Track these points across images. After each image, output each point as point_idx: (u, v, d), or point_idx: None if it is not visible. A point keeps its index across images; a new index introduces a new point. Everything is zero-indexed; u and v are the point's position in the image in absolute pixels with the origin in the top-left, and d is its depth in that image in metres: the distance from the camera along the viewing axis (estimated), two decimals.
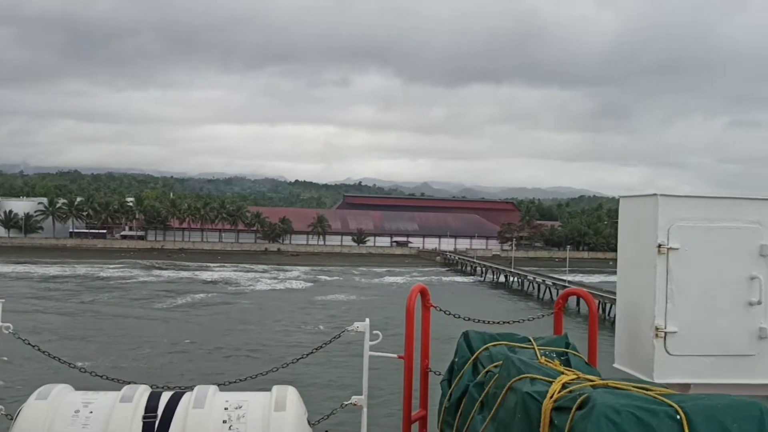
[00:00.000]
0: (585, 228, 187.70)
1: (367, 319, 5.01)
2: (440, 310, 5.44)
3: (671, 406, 2.87)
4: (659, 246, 4.50)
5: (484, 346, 4.38)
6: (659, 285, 4.50)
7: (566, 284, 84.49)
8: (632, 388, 3.18)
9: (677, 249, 4.50)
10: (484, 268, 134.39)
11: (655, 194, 4.59)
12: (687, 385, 4.50)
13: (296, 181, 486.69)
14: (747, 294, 4.54)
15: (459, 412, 4.18)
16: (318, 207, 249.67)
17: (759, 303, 4.52)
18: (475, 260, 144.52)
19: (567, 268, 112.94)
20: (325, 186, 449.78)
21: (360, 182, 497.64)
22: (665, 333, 4.47)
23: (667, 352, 4.49)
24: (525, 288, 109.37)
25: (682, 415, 2.81)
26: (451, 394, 4.38)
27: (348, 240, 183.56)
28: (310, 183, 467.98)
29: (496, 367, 3.99)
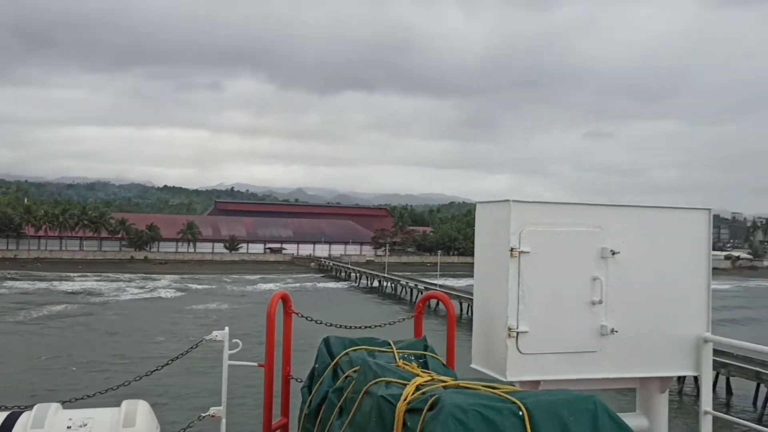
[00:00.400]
0: (455, 233, 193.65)
1: (227, 328, 4.89)
2: (302, 316, 5.40)
3: (515, 403, 3.00)
4: (512, 249, 4.69)
5: (344, 351, 4.39)
6: (512, 287, 4.69)
7: (437, 288, 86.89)
8: (481, 388, 3.29)
9: (528, 252, 4.71)
10: (358, 274, 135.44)
11: (507, 200, 4.79)
12: (537, 382, 4.72)
13: (165, 186, 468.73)
14: (590, 294, 4.83)
15: (318, 419, 4.17)
16: (188, 213, 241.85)
17: (600, 302, 4.82)
18: (349, 266, 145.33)
19: (438, 273, 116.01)
20: (196, 192, 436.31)
21: (233, 188, 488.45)
22: (517, 333, 4.67)
23: (519, 351, 4.69)
24: (398, 292, 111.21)
25: (525, 411, 2.94)
26: (311, 401, 4.35)
27: (220, 247, 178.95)
28: (180, 188, 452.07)
29: (355, 372, 4.01)
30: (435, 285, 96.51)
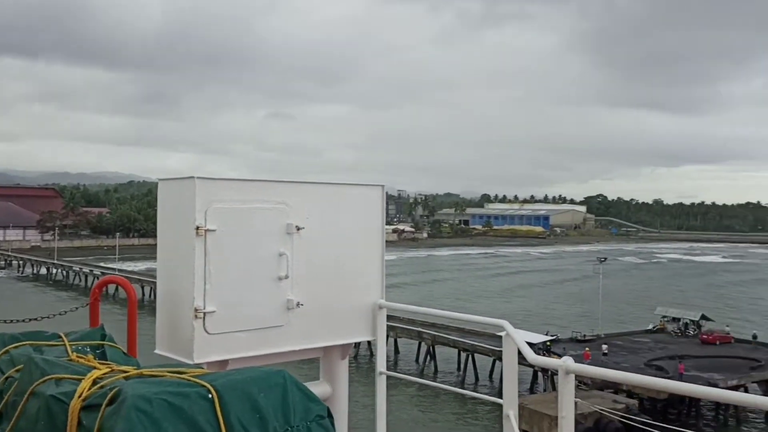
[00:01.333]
0: (135, 214, 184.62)
1: None
2: None
3: (204, 386, 2.89)
4: (197, 228, 4.55)
5: (4, 349, 3.86)
6: (198, 266, 4.56)
7: (116, 272, 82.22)
8: (167, 374, 3.12)
9: (215, 230, 4.61)
10: (21, 261, 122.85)
11: (192, 177, 4.63)
12: (225, 362, 4.66)
13: None
14: (277, 269, 4.91)
15: None
16: None
17: (287, 277, 4.93)
18: (9, 253, 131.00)
19: (117, 256, 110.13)
20: None
21: None
22: (204, 313, 4.56)
23: (207, 332, 4.58)
24: (70, 279, 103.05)
25: (214, 393, 2.86)
26: None
27: None
28: None
29: (17, 371, 3.54)
30: (113, 269, 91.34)
